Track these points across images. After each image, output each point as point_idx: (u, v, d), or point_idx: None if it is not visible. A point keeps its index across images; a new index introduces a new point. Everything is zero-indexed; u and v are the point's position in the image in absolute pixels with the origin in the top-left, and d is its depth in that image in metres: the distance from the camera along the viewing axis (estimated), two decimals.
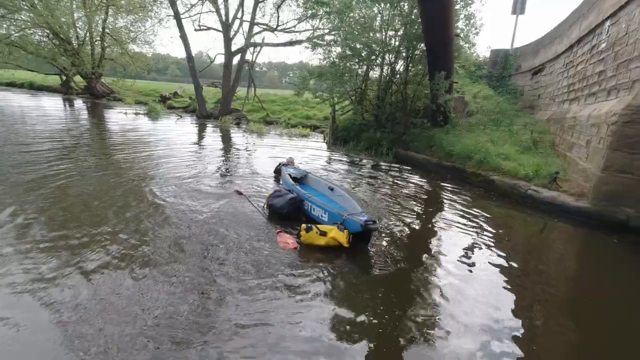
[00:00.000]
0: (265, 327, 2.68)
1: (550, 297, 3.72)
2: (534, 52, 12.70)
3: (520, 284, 3.87)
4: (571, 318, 3.37)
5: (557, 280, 4.19)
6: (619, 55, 6.34)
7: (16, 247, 3.58)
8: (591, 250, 5.31)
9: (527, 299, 3.60)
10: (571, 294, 3.94)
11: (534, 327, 3.08)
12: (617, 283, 4.25)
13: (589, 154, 6.48)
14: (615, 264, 4.81)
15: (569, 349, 2.94)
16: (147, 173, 6.89)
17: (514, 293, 3.61)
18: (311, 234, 3.91)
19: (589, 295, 3.89)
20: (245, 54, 16.93)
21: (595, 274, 4.52)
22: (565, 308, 3.57)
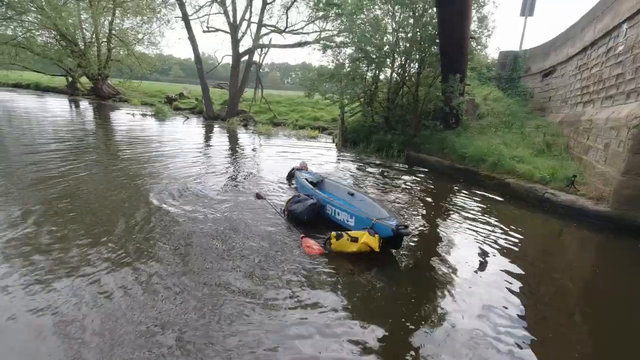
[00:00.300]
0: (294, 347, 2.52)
1: (572, 301, 3.69)
2: (544, 54, 12.66)
3: (538, 288, 3.83)
4: (587, 320, 3.33)
5: (576, 283, 4.17)
6: (639, 58, 6.30)
7: (21, 249, 3.54)
8: (608, 253, 5.28)
9: (548, 301, 3.57)
10: (593, 297, 3.90)
11: (548, 331, 3.05)
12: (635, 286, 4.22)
13: (608, 157, 6.44)
14: (633, 267, 4.77)
15: (584, 350, 2.91)
16: (160, 175, 6.87)
17: (534, 299, 3.58)
18: (342, 241, 3.82)
19: (608, 298, 3.85)
20: (253, 55, 16.97)
21: (615, 278, 4.47)
22: (582, 308, 3.53)
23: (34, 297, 2.83)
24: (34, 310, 2.67)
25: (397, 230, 3.72)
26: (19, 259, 3.37)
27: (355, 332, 2.73)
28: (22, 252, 3.51)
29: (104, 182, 6.13)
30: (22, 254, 3.48)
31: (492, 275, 3.91)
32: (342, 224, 4.58)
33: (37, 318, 2.60)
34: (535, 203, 6.96)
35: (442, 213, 6.25)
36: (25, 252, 3.51)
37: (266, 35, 17.31)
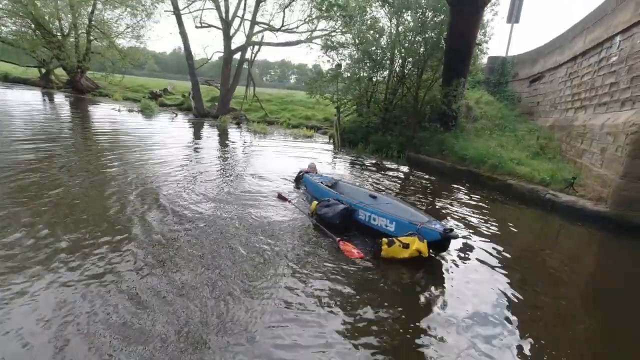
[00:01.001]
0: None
1: (574, 293, 4.00)
2: (532, 61, 13.30)
3: (541, 283, 4.05)
4: (585, 311, 3.63)
5: (578, 278, 4.53)
6: (634, 69, 6.79)
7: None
8: (609, 251, 5.67)
9: (553, 295, 3.85)
10: (595, 290, 4.22)
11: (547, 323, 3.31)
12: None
13: (605, 161, 6.90)
14: (634, 264, 5.19)
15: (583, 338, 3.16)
16: (170, 176, 6.71)
17: (540, 295, 3.80)
18: (394, 248, 3.81)
19: (609, 291, 4.20)
20: (245, 52, 16.76)
21: (615, 273, 4.84)
22: (583, 301, 3.84)
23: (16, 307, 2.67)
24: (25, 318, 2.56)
25: (445, 234, 3.82)
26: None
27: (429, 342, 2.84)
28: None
29: (104, 185, 5.93)
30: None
31: (496, 273, 4.02)
32: (379, 229, 4.48)
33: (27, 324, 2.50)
34: (537, 203, 7.36)
35: (449, 212, 6.38)
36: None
37: (259, 32, 17.15)
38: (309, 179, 6.55)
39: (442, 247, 4.00)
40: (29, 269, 3.10)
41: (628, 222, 6.09)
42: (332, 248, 4.15)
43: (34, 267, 3.15)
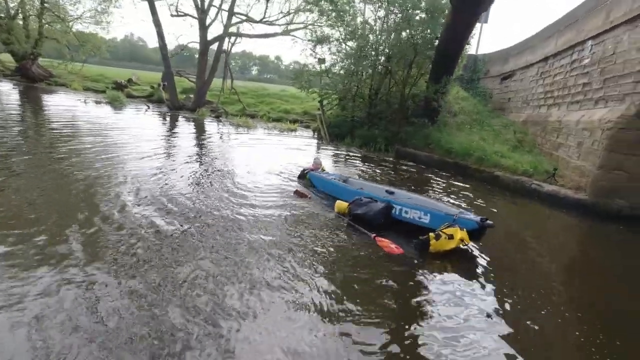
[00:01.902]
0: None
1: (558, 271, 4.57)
2: (503, 60, 14.22)
3: (533, 266, 4.51)
4: (565, 285, 4.18)
5: (564, 258, 5.13)
6: (606, 72, 7.58)
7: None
8: (589, 234, 6.42)
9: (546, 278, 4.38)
10: (579, 268, 4.83)
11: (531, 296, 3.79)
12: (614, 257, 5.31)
13: (582, 154, 7.68)
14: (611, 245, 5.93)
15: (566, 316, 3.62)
16: (168, 174, 6.53)
17: (531, 277, 4.32)
18: (442, 241, 3.93)
19: (592, 270, 4.83)
20: (222, 43, 16.28)
21: (596, 254, 5.52)
22: (567, 277, 4.42)
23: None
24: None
25: (483, 223, 4.11)
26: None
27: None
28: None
29: (119, 182, 5.66)
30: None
31: (487, 257, 4.26)
32: (413, 222, 4.62)
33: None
34: (523, 193, 8.03)
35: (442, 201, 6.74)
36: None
37: (238, 24, 16.71)
38: (318, 176, 6.55)
39: (479, 235, 4.22)
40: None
41: (606, 209, 6.85)
42: (367, 245, 4.13)
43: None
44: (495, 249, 4.59)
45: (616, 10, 7.48)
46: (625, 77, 6.95)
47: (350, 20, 11.78)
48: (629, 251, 5.70)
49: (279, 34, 17.94)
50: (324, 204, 5.58)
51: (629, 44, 6.97)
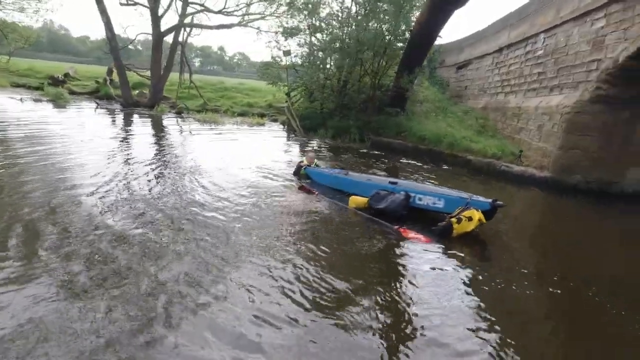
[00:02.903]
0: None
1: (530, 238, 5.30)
2: (459, 50, 15.17)
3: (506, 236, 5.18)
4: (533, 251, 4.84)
5: (533, 228, 5.89)
6: (560, 62, 8.50)
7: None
8: (554, 206, 7.30)
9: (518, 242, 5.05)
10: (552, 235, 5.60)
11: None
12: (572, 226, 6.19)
13: (542, 136, 8.58)
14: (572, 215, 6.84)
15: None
16: (159, 175, 6.25)
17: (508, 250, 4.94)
18: (463, 224, 4.20)
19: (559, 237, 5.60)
20: (178, 34, 15.37)
21: (560, 223, 6.36)
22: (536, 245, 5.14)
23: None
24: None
25: (494, 203, 4.51)
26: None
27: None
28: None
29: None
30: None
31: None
32: (427, 208, 4.93)
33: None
34: (494, 174, 8.81)
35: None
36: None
37: (194, 14, 15.81)
38: (318, 170, 6.65)
39: (491, 215, 4.56)
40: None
41: (566, 184, 7.79)
42: (392, 237, 4.26)
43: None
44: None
45: (565, 8, 8.38)
46: (577, 67, 7.86)
47: (315, 10, 11.78)
48: (586, 220, 6.60)
49: (235, 24, 17.34)
50: (331, 199, 5.49)
51: (579, 38, 7.87)
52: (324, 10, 12.24)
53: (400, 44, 11.69)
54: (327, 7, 12.31)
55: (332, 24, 11.62)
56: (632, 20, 6.37)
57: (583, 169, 7.74)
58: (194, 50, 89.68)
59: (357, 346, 2.44)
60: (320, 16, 12.08)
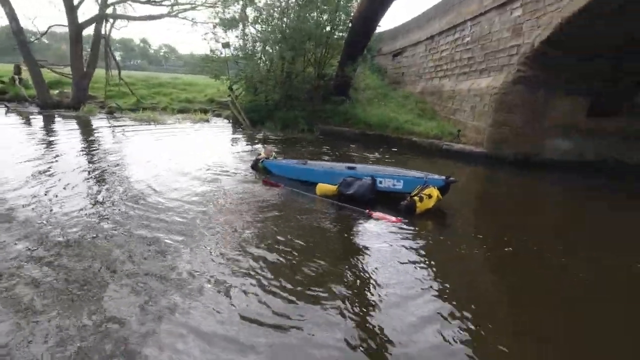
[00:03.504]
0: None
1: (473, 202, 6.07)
2: (393, 38, 15.91)
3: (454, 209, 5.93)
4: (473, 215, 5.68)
5: (477, 194, 6.69)
6: (485, 47, 9.39)
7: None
8: (490, 176, 8.20)
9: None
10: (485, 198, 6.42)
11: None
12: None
13: (476, 116, 9.47)
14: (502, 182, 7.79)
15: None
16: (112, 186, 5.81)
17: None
18: (425, 202, 4.56)
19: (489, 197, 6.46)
20: (101, 27, 13.99)
21: (495, 188, 7.31)
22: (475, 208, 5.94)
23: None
24: None
25: (448, 180, 4.96)
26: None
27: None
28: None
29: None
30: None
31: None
32: (389, 189, 5.23)
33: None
34: (437, 153, 9.57)
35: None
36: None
37: (117, 3, 14.44)
38: (277, 163, 6.61)
39: (445, 191, 5.02)
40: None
41: (499, 157, 8.72)
42: (363, 220, 4.49)
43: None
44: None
45: None
46: (501, 52, 8.77)
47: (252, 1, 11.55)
48: (516, 187, 7.56)
49: (164, 15, 16.25)
50: (297, 190, 5.50)
51: (501, 25, 8.78)
52: (261, 0, 12.02)
53: (341, 34, 11.94)
54: None
55: (273, 15, 11.47)
56: (544, 9, 7.27)
57: (511, 143, 8.70)
58: (114, 43, 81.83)
59: (330, 322, 2.55)
60: (258, 6, 11.84)
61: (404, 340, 2.40)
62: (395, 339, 2.41)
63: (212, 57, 13.10)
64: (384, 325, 2.54)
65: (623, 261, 3.82)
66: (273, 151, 7.24)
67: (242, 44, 12.64)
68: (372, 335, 2.46)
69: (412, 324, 2.57)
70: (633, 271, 3.66)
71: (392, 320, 2.60)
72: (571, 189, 7.50)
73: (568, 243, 4.41)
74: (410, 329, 2.53)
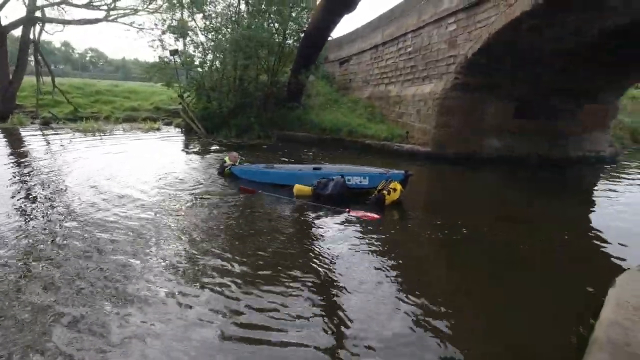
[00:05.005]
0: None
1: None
2: (339, 47, 16.69)
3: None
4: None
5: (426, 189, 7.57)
6: (426, 57, 10.41)
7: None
8: (435, 172, 9.12)
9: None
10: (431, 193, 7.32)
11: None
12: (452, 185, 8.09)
13: (421, 118, 10.42)
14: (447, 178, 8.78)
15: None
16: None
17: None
18: (392, 194, 5.18)
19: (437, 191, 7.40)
20: (29, 31, 12.83)
21: (440, 184, 8.23)
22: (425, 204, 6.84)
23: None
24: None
25: (407, 174, 5.58)
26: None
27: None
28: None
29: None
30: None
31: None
32: (356, 186, 5.69)
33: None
34: (389, 153, 10.35)
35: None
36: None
37: (48, 6, 13.34)
38: (245, 168, 6.79)
39: (405, 184, 5.59)
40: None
41: (443, 156, 9.71)
42: (343, 219, 4.82)
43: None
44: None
45: (425, 13, 10.28)
46: (440, 61, 9.80)
47: (201, 7, 11.51)
48: (459, 181, 8.54)
49: (101, 19, 15.40)
50: (273, 194, 5.72)
51: (438, 38, 9.81)
52: (210, 8, 11.98)
53: (292, 42, 12.36)
54: (214, 4, 12.07)
55: (225, 24, 11.52)
56: (475, 25, 8.35)
57: (453, 142, 9.75)
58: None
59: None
60: (208, 14, 11.79)
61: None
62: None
63: (161, 65, 12.71)
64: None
65: (540, 234, 4.76)
66: (238, 157, 7.36)
67: (192, 51, 12.47)
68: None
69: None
70: (554, 241, 4.54)
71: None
72: (502, 179, 8.76)
73: (499, 221, 5.29)
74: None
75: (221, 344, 2.40)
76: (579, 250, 4.40)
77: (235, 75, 13.06)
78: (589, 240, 4.70)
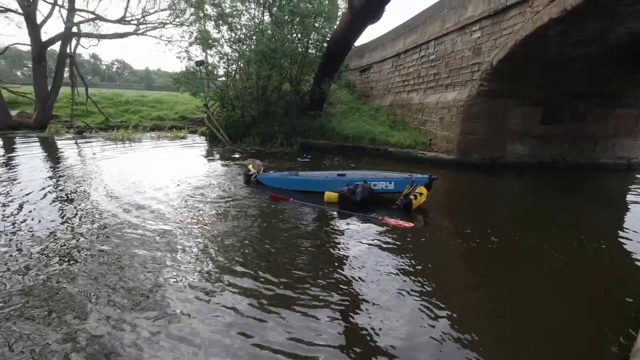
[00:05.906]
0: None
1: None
2: (359, 55, 16.86)
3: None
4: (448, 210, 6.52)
5: (451, 195, 7.50)
6: (449, 64, 10.41)
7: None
8: (460, 180, 9.03)
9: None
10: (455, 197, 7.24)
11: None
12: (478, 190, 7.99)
13: (445, 126, 10.39)
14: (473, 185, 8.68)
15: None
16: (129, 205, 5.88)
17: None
18: (419, 199, 5.29)
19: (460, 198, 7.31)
20: (66, 46, 13.58)
21: (466, 192, 8.11)
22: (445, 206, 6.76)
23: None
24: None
25: (431, 178, 5.64)
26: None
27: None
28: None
29: None
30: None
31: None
32: (381, 191, 5.80)
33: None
34: (412, 161, 10.34)
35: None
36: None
37: (83, 22, 14.09)
38: (269, 176, 6.94)
39: (429, 187, 5.62)
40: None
41: (467, 162, 9.65)
42: (377, 226, 4.83)
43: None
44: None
45: (448, 21, 10.30)
46: (464, 68, 9.79)
47: (234, 21, 11.92)
48: (485, 187, 8.43)
49: (131, 33, 16.11)
50: (305, 201, 5.74)
51: (462, 45, 9.81)
52: (235, 20, 12.35)
53: (315, 52, 12.63)
54: (239, 17, 12.45)
55: (249, 35, 11.88)
56: (500, 32, 8.32)
57: (477, 149, 9.69)
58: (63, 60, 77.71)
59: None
60: (234, 25, 12.16)
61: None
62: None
63: (188, 75, 13.16)
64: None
65: (564, 240, 4.70)
66: (262, 165, 7.52)
67: (216, 61, 12.88)
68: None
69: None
70: (581, 246, 4.44)
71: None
72: (528, 185, 8.67)
73: (528, 228, 5.20)
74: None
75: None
76: (613, 259, 4.31)
77: (259, 84, 13.37)
78: (624, 249, 4.59)
